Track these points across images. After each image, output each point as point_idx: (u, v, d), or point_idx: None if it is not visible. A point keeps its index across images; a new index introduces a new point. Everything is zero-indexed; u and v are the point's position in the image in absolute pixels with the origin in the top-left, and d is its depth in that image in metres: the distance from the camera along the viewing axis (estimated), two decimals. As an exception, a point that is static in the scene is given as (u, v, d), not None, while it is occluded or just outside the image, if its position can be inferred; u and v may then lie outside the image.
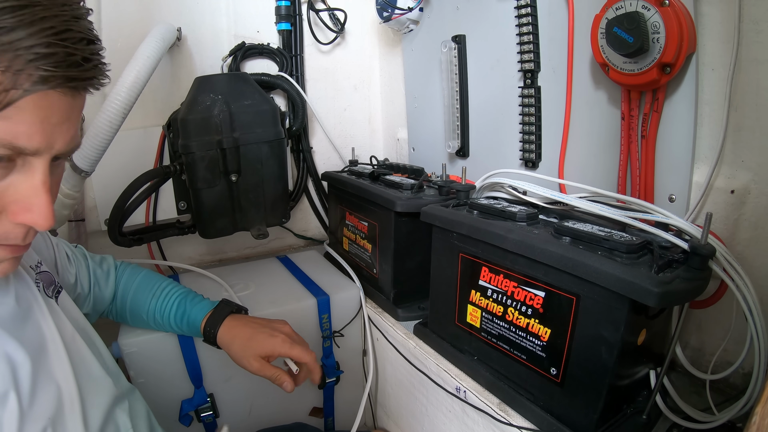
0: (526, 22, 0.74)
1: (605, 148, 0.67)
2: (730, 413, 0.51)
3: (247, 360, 0.65)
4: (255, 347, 0.66)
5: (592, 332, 0.49)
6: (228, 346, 0.68)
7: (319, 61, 1.21)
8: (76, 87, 0.36)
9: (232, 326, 0.69)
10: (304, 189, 1.23)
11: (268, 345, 0.66)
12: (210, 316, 0.70)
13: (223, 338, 0.69)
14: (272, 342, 0.66)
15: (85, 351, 0.52)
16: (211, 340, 0.70)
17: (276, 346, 0.66)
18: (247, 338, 0.67)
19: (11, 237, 0.38)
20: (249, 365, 0.65)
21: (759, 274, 0.54)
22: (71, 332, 0.51)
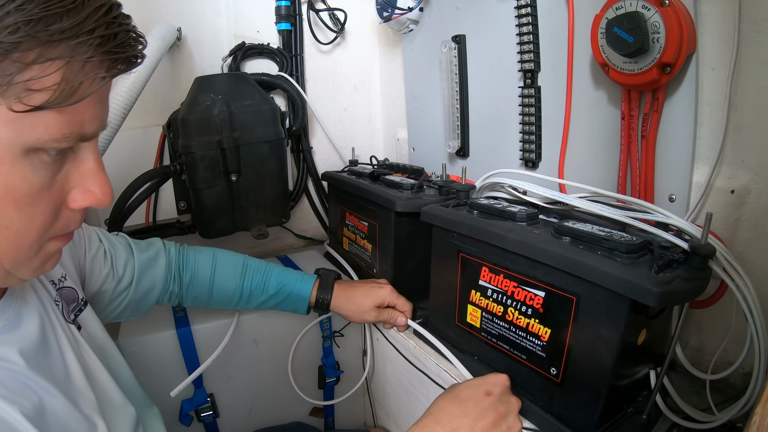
0: (526, 22, 0.74)
1: (605, 148, 0.67)
2: (730, 413, 0.51)
3: (366, 312, 0.77)
4: (369, 300, 0.77)
5: (592, 332, 0.49)
6: (343, 307, 0.79)
7: (319, 61, 1.21)
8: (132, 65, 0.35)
9: (343, 290, 0.79)
10: (304, 189, 1.23)
11: (379, 295, 0.78)
12: (319, 285, 0.79)
13: (336, 302, 0.79)
14: (382, 292, 0.78)
15: (106, 379, 0.51)
16: (324, 306, 0.79)
17: (385, 296, 0.78)
18: (361, 295, 0.78)
19: (71, 224, 0.38)
20: (368, 315, 0.78)
21: (759, 274, 0.54)
22: (93, 361, 0.50)
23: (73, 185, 0.36)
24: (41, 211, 0.35)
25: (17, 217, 0.33)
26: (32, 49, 0.29)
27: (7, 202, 0.32)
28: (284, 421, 0.93)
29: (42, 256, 0.38)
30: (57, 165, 0.35)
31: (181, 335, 0.79)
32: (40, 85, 0.30)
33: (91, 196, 0.37)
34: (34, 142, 0.32)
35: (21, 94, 0.30)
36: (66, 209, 0.37)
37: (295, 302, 0.79)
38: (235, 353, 0.83)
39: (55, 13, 0.29)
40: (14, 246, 0.35)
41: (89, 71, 0.32)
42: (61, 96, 0.31)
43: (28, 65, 0.29)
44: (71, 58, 0.31)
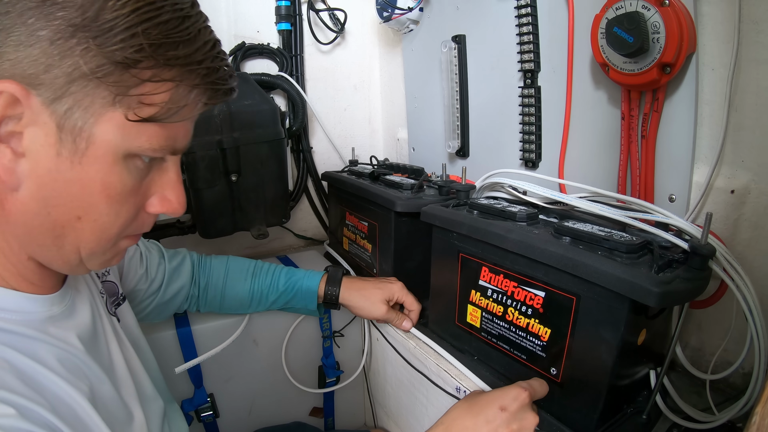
0: (526, 22, 0.74)
1: (605, 148, 0.67)
2: (730, 413, 0.51)
3: (375, 306, 0.77)
4: (379, 293, 0.77)
5: (592, 332, 0.49)
6: (352, 299, 0.78)
7: (319, 61, 1.21)
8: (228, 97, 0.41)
9: (351, 284, 0.79)
10: (304, 189, 1.23)
11: (390, 289, 0.78)
12: (327, 280, 0.80)
13: (345, 295, 0.79)
14: (393, 287, 0.78)
15: (141, 371, 0.54)
16: (333, 301, 0.79)
17: (396, 291, 0.78)
18: (372, 287, 0.78)
19: (144, 227, 0.42)
20: (377, 311, 0.77)
21: (759, 274, 0.54)
22: (130, 352, 0.53)
23: (154, 192, 0.41)
24: (126, 210, 0.38)
25: (106, 212, 0.37)
26: (150, 68, 0.34)
27: (101, 196, 0.36)
28: (284, 421, 0.93)
29: (114, 250, 0.41)
30: (146, 171, 0.39)
31: (181, 335, 0.79)
32: (150, 101, 0.35)
33: (168, 204, 0.41)
34: (136, 148, 0.36)
35: (134, 106, 0.34)
36: (143, 212, 0.41)
37: (304, 298, 0.79)
38: (235, 353, 0.83)
39: (174, 41, 0.34)
40: (97, 237, 0.38)
41: (193, 97, 0.37)
42: (167, 113, 0.36)
43: (144, 81, 0.34)
44: (180, 82, 0.35)
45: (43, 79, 0.32)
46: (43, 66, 0.32)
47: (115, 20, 0.31)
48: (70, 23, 0.31)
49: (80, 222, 0.36)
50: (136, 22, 0.32)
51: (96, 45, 0.32)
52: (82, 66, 0.32)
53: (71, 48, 0.32)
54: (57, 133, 0.33)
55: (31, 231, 0.37)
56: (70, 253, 0.38)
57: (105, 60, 0.32)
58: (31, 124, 0.33)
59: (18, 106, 0.32)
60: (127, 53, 0.32)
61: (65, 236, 0.37)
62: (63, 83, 0.32)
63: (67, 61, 0.32)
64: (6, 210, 0.36)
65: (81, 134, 0.34)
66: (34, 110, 0.33)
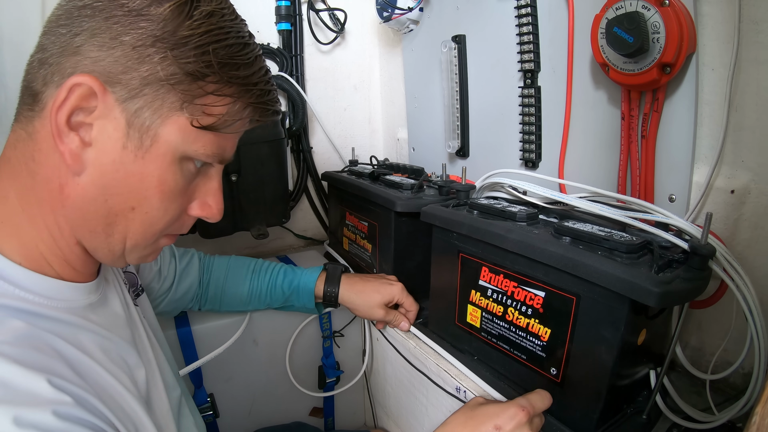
0: (526, 22, 0.74)
1: (605, 148, 0.67)
2: (730, 413, 0.51)
3: (374, 309, 0.77)
4: (379, 297, 0.77)
5: (592, 332, 0.49)
6: (351, 301, 0.78)
7: (319, 61, 1.21)
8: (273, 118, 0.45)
9: (351, 283, 0.79)
10: (304, 189, 1.23)
11: (389, 292, 0.77)
12: (326, 278, 0.79)
13: (345, 295, 0.78)
14: (393, 290, 0.77)
15: (162, 359, 0.55)
16: (332, 300, 0.79)
17: (396, 293, 0.77)
18: (371, 290, 0.78)
19: (183, 228, 0.45)
20: (376, 313, 0.77)
21: (759, 274, 0.54)
22: (153, 340, 0.54)
23: (197, 197, 0.44)
24: (173, 208, 0.41)
25: (156, 206, 0.40)
26: (214, 83, 0.38)
27: (156, 191, 0.39)
28: (284, 421, 0.93)
29: (153, 246, 0.44)
30: (194, 176, 0.42)
31: (181, 335, 0.79)
32: (211, 111, 0.39)
33: (208, 209, 0.45)
34: (192, 152, 0.40)
35: (197, 114, 0.38)
36: (185, 214, 0.44)
37: (303, 297, 0.80)
38: (235, 353, 0.83)
39: (236, 63, 0.39)
40: (144, 230, 0.41)
41: (246, 113, 0.42)
42: (223, 124, 0.40)
43: (208, 94, 0.38)
44: (237, 98, 0.40)
45: (120, 78, 0.35)
46: (122, 67, 0.35)
47: (190, 37, 0.36)
48: (152, 34, 0.35)
49: (133, 212, 0.39)
50: (208, 42, 0.37)
51: (173, 56, 0.36)
52: (159, 72, 0.36)
53: (150, 55, 0.35)
54: (126, 128, 0.37)
55: (85, 215, 0.39)
56: (116, 242, 0.41)
57: (178, 70, 0.36)
58: (101, 117, 0.36)
59: (93, 99, 0.36)
60: (198, 66, 0.37)
61: (116, 224, 0.40)
62: (138, 85, 0.36)
63: (145, 66, 0.36)
64: (65, 194, 0.38)
65: (148, 132, 0.37)
66: (108, 105, 0.36)
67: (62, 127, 0.36)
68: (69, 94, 0.35)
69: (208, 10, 0.37)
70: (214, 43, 0.37)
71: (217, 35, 0.37)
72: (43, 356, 0.34)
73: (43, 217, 0.39)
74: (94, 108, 0.36)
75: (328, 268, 0.82)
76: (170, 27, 0.36)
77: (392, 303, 0.79)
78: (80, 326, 0.41)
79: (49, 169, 0.38)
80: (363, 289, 0.78)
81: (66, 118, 0.35)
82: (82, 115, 0.36)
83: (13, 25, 0.83)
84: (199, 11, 0.37)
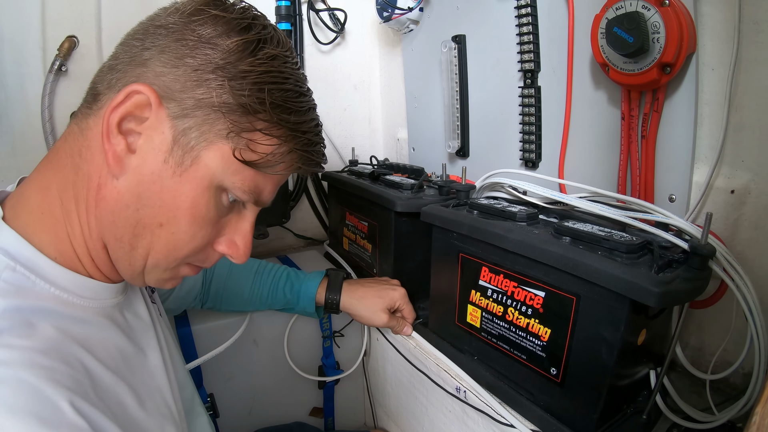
0: (526, 22, 0.74)
1: (605, 148, 0.67)
2: (730, 413, 0.51)
3: (377, 315, 0.76)
4: (381, 302, 0.77)
5: (592, 332, 0.49)
6: (353, 307, 0.78)
7: (319, 61, 1.21)
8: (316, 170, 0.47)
9: (353, 290, 0.79)
10: (304, 189, 1.23)
11: (391, 297, 0.77)
12: (328, 285, 0.79)
13: (346, 302, 0.78)
14: (395, 295, 0.78)
15: (176, 356, 0.55)
16: (334, 306, 0.79)
17: (397, 299, 0.78)
18: (373, 296, 0.78)
19: (207, 261, 0.45)
20: (379, 319, 0.76)
21: (759, 274, 0.54)
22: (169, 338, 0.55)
23: (226, 233, 0.44)
24: (201, 236, 0.41)
25: (184, 229, 0.40)
26: (265, 120, 0.39)
27: (186, 212, 0.39)
28: (284, 421, 0.93)
29: (173, 272, 0.44)
30: (227, 210, 0.42)
31: (181, 335, 0.79)
32: (255, 148, 0.40)
33: (235, 248, 0.44)
34: (229, 183, 0.40)
35: (242, 147, 0.39)
36: (211, 247, 0.44)
37: (304, 302, 0.80)
38: (235, 353, 0.83)
39: (289, 108, 0.40)
40: (167, 251, 0.41)
41: (290, 159, 0.42)
42: (265, 164, 0.41)
43: (257, 130, 0.39)
44: (284, 142, 0.41)
45: (176, 96, 0.37)
46: (181, 86, 0.37)
47: (250, 72, 0.38)
48: (214, 61, 0.37)
49: (160, 229, 0.39)
50: (266, 81, 0.38)
51: (229, 86, 0.37)
52: (213, 98, 0.37)
53: (208, 80, 0.37)
54: (171, 144, 0.37)
55: (116, 220, 0.39)
56: (139, 257, 0.41)
57: (232, 99, 0.37)
58: (151, 128, 0.37)
59: (147, 110, 0.37)
60: (251, 101, 0.38)
61: (143, 237, 0.40)
62: (191, 105, 0.37)
63: (201, 90, 0.37)
64: (101, 194, 0.39)
65: (190, 152, 0.38)
66: (159, 118, 0.37)
67: (112, 128, 0.37)
68: (126, 98, 0.36)
69: (272, 53, 0.39)
70: (271, 84, 0.38)
71: (275, 77, 0.39)
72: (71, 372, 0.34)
73: (78, 213, 0.40)
74: (146, 119, 0.37)
75: (330, 274, 0.82)
76: (233, 59, 0.37)
77: (394, 308, 0.78)
78: (106, 327, 0.42)
79: (93, 166, 0.39)
80: (364, 295, 0.78)
81: (118, 120, 0.37)
82: (134, 123, 0.37)
83: (13, 25, 0.83)
84: (264, 52, 0.39)
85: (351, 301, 0.78)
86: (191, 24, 0.38)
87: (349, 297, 0.78)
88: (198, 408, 0.58)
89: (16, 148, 0.86)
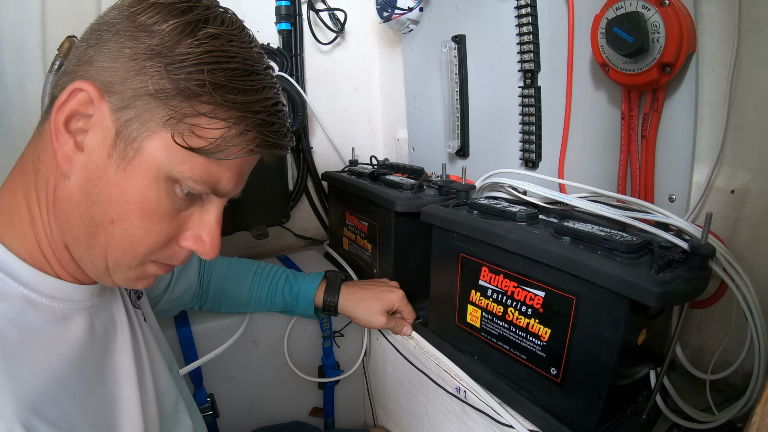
0: (526, 22, 0.74)
1: (605, 148, 0.67)
2: (730, 413, 0.51)
3: (375, 317, 0.76)
4: (379, 305, 0.76)
5: (592, 332, 0.49)
6: (351, 310, 0.78)
7: (319, 61, 1.21)
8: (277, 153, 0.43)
9: (351, 292, 0.79)
10: (304, 189, 1.23)
11: (390, 300, 0.77)
12: (326, 287, 0.79)
13: (344, 304, 0.78)
14: (393, 297, 0.77)
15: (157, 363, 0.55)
16: (332, 309, 0.79)
17: (396, 301, 0.77)
18: (371, 298, 0.77)
19: (175, 258, 0.43)
20: (377, 321, 0.76)
21: (759, 274, 0.54)
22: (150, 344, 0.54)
23: (190, 228, 0.42)
24: (157, 231, 0.40)
25: (137, 225, 0.38)
26: (208, 104, 0.37)
27: (136, 207, 0.38)
28: (284, 421, 0.93)
29: (139, 271, 0.42)
30: (185, 204, 0.41)
31: (181, 335, 0.79)
32: (201, 133, 0.38)
33: (200, 243, 0.43)
34: (177, 173, 0.38)
35: (185, 133, 0.37)
36: (176, 243, 0.42)
37: (302, 304, 0.79)
38: (235, 353, 0.83)
39: (235, 87, 0.37)
40: (124, 248, 0.39)
41: (242, 141, 0.39)
42: (214, 149, 0.38)
43: (200, 114, 0.37)
44: (233, 124, 0.38)
45: (116, 88, 0.36)
46: (120, 78, 0.36)
47: (188, 55, 0.36)
48: (151, 48, 0.36)
49: (113, 226, 0.38)
50: (206, 61, 0.36)
51: (166, 71, 0.36)
52: (149, 85, 0.36)
53: (146, 69, 0.36)
54: (114, 137, 0.37)
55: (70, 220, 0.39)
56: (98, 256, 0.40)
57: (170, 85, 0.36)
58: (96, 124, 0.37)
59: (91, 106, 0.37)
60: (190, 84, 0.36)
61: (97, 236, 0.39)
62: (131, 96, 0.36)
63: (139, 78, 0.36)
64: (56, 194, 0.39)
65: (132, 144, 0.37)
66: (102, 113, 0.37)
67: (59, 128, 0.37)
68: (69, 97, 0.36)
69: (213, 32, 0.37)
70: (212, 64, 0.37)
71: (217, 57, 0.37)
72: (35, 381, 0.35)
73: (41, 215, 0.40)
74: (91, 115, 0.37)
75: (329, 276, 0.81)
76: (169, 43, 0.36)
77: (392, 310, 0.78)
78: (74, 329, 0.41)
79: (49, 168, 0.39)
80: (363, 297, 0.78)
81: (64, 119, 0.36)
82: (83, 122, 0.37)
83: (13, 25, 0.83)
84: (204, 32, 0.37)
85: (349, 304, 0.78)
86: (131, 15, 0.37)
87: (347, 299, 0.78)
88: (181, 414, 0.57)
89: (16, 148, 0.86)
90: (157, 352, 0.55)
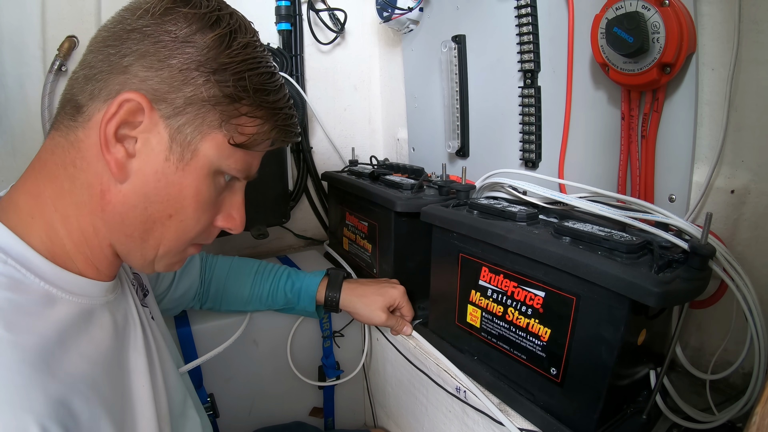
0: (526, 22, 0.74)
1: (605, 148, 0.67)
2: (730, 413, 0.51)
3: (375, 313, 0.76)
4: (381, 300, 0.77)
5: (592, 332, 0.49)
6: (352, 306, 0.79)
7: (319, 61, 1.21)
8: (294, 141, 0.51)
9: (352, 289, 0.79)
10: (304, 189, 1.23)
11: (391, 295, 0.78)
12: (328, 284, 0.80)
13: (346, 299, 0.79)
14: (394, 293, 0.78)
15: (167, 360, 0.56)
16: (333, 305, 0.79)
17: (397, 297, 0.78)
18: (372, 293, 0.78)
19: (209, 238, 0.49)
20: (378, 317, 0.76)
21: (759, 274, 0.54)
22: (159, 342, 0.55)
23: (222, 209, 0.48)
24: (205, 218, 0.45)
25: (191, 216, 0.43)
26: (248, 105, 0.42)
27: (192, 200, 0.43)
28: (284, 421, 0.93)
29: (181, 255, 0.47)
30: (223, 189, 0.46)
31: (181, 335, 0.79)
32: (243, 131, 0.43)
33: (232, 220, 0.48)
34: (225, 167, 0.43)
35: (233, 132, 0.42)
36: (211, 225, 0.47)
37: (304, 301, 0.80)
38: (235, 353, 0.83)
39: (267, 89, 0.44)
40: (177, 237, 0.44)
41: (271, 135, 0.46)
42: (253, 143, 0.44)
43: (242, 115, 0.42)
44: (265, 121, 0.44)
45: (166, 97, 0.39)
46: (168, 87, 0.39)
47: (229, 64, 0.41)
48: (196, 59, 0.39)
49: (170, 220, 0.42)
50: (244, 69, 0.41)
51: (214, 79, 0.40)
52: (202, 93, 0.40)
53: (194, 78, 0.39)
54: (168, 142, 0.40)
55: (124, 221, 0.42)
56: (150, 248, 0.44)
57: (219, 92, 0.40)
58: (146, 131, 0.40)
59: (140, 114, 0.39)
60: (235, 90, 0.41)
61: (153, 231, 0.43)
62: (182, 103, 0.40)
63: (189, 88, 0.39)
64: (106, 199, 0.41)
65: (189, 147, 0.41)
66: (153, 121, 0.39)
67: (110, 138, 0.38)
68: (119, 108, 0.38)
69: (244, 41, 0.42)
70: (249, 71, 0.42)
71: (251, 64, 0.42)
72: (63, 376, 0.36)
73: (78, 218, 0.41)
74: (140, 123, 0.39)
75: (331, 273, 0.82)
76: (212, 54, 0.40)
77: (393, 306, 0.78)
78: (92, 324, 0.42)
79: (91, 175, 0.40)
80: (364, 293, 0.78)
81: (114, 130, 0.38)
82: (128, 129, 0.39)
83: (13, 25, 0.83)
84: (237, 42, 0.41)
85: (350, 299, 0.78)
86: (164, 25, 0.39)
87: (348, 295, 0.78)
88: (189, 411, 0.58)
89: (16, 148, 0.86)
90: (165, 350, 0.56)
